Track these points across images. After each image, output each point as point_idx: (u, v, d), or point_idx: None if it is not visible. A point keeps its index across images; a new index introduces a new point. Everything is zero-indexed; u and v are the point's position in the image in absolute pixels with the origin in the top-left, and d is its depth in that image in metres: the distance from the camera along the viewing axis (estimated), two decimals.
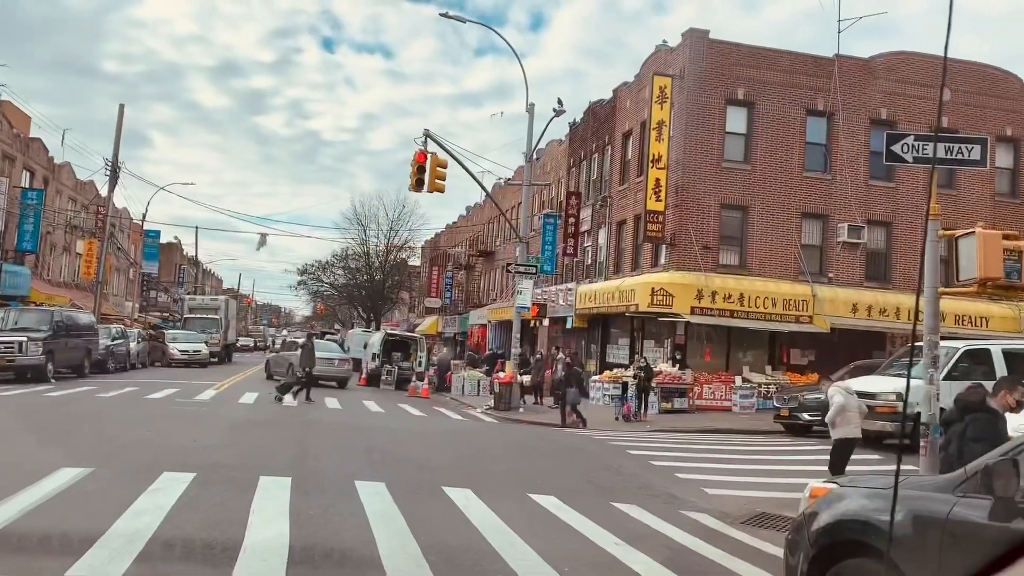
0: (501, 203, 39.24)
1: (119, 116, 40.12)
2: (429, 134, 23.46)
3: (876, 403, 16.23)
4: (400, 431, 16.39)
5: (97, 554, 5.73)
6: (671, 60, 26.83)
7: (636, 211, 27.64)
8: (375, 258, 69.83)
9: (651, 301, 24.38)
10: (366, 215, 68.36)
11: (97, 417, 15.41)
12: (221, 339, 45.60)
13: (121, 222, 55.09)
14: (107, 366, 29.95)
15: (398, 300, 78.94)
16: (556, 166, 39.39)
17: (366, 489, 8.86)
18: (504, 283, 44.69)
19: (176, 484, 8.37)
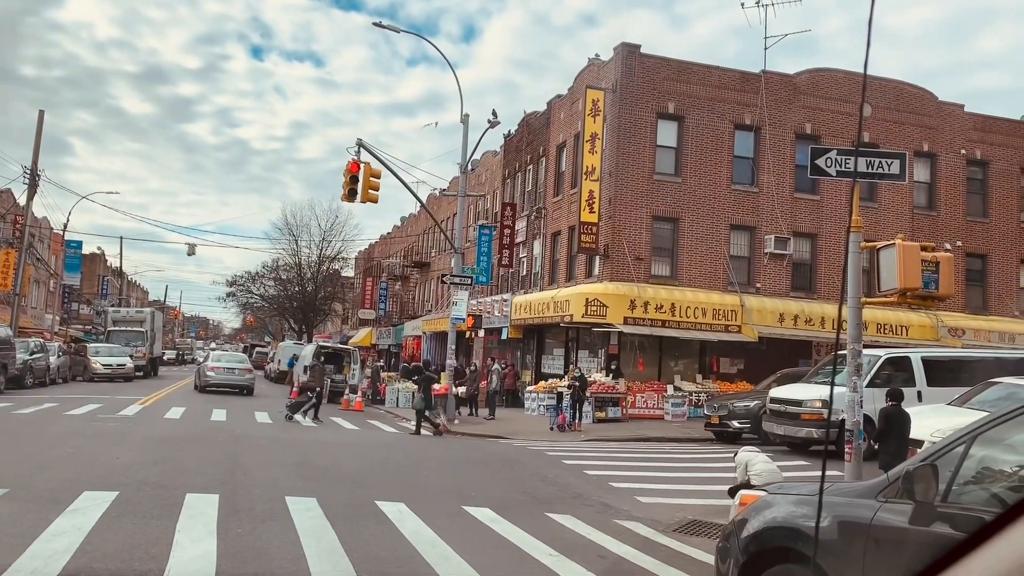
0: (436, 214, 39.12)
1: (39, 122, 38.75)
2: (362, 143, 23.24)
3: (802, 410, 16.85)
4: (333, 445, 16.14)
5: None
6: (604, 73, 27.19)
7: (570, 222, 27.88)
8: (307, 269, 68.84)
9: (585, 311, 24.59)
10: (297, 225, 67.43)
11: (12, 435, 14.78)
12: (146, 352, 44.33)
13: (41, 232, 53.19)
14: (24, 381, 28.78)
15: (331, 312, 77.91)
16: (491, 177, 39.50)
17: (297, 505, 8.69)
18: (439, 294, 44.53)
19: (97, 504, 8.08)
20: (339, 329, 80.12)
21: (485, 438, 19.90)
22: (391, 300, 58.67)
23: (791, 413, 17.10)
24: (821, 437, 16.25)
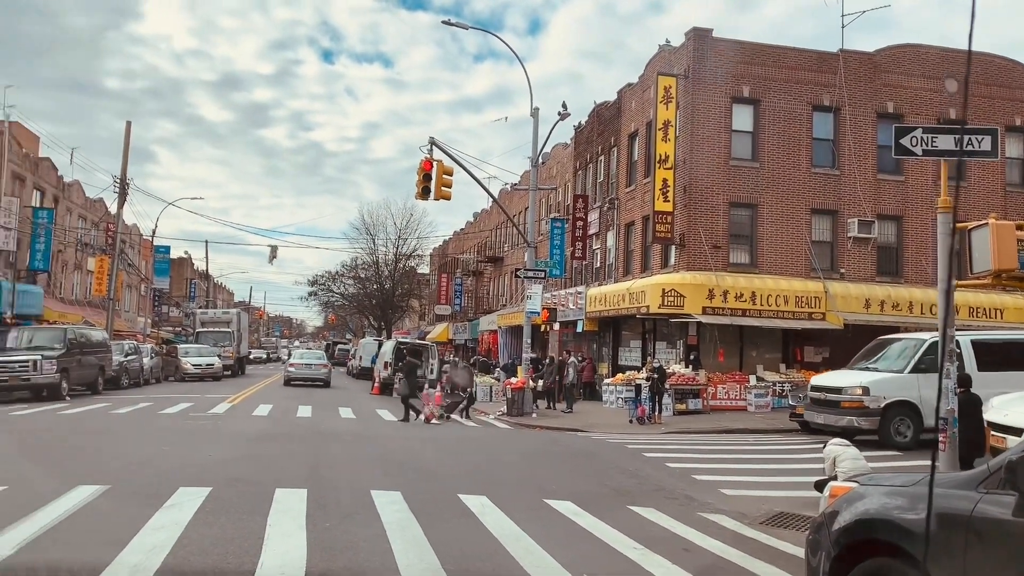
0: (508, 208, 39.24)
1: (126, 133, 40.35)
2: (434, 142, 23.48)
3: (842, 398, 16.30)
4: (414, 439, 16.38)
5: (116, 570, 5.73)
6: (675, 60, 26.79)
7: (644, 212, 27.59)
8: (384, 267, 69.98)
9: (662, 302, 24.32)
10: (374, 224, 68.58)
11: (112, 434, 15.46)
12: (234, 352, 45.75)
13: (131, 238, 55.40)
14: (121, 382, 30.08)
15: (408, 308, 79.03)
16: (562, 169, 39.39)
17: (382, 499, 8.84)
18: (513, 288, 44.67)
19: (192, 499, 8.38)
20: (416, 325, 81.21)
21: (563, 431, 19.89)
22: (466, 295, 59.16)
23: (831, 401, 16.51)
24: (863, 426, 15.62)
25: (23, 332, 26.16)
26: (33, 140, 43.64)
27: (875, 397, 15.68)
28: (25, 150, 41.34)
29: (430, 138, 23.40)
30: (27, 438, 14.38)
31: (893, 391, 15.66)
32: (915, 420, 15.56)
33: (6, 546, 6.31)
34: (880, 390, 15.74)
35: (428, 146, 23.27)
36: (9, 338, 25.33)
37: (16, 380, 22.76)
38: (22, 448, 12.94)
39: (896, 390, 15.64)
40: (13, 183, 39.06)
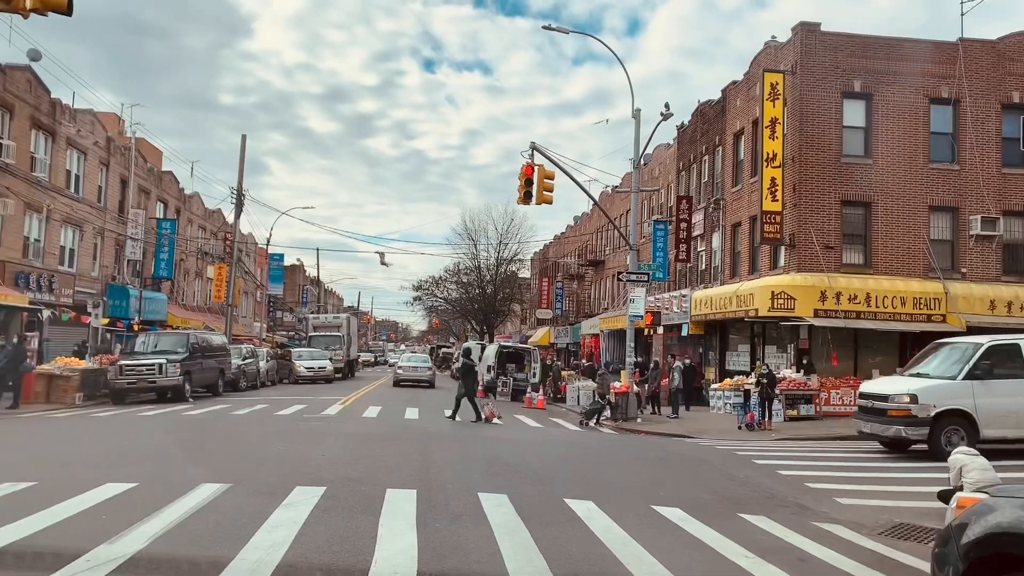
0: (609, 211, 39.02)
1: (241, 146, 42.20)
2: (535, 146, 23.62)
3: (888, 405, 15.23)
4: (518, 442, 16.47)
5: (238, 565, 5.99)
6: (781, 55, 26.07)
7: (751, 212, 26.95)
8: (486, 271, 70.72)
9: (771, 305, 23.68)
10: (476, 229, 69.47)
11: (232, 434, 16.16)
12: (344, 355, 47.13)
13: (247, 247, 57.85)
14: (239, 384, 31.43)
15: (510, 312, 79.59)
16: (665, 171, 38.89)
17: (489, 502, 8.93)
18: (616, 292, 44.38)
19: (308, 498, 8.67)
20: (518, 329, 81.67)
21: (670, 437, 19.63)
22: (567, 299, 59.12)
23: (878, 409, 15.47)
24: (911, 436, 14.72)
25: (149, 337, 27.72)
26: (157, 155, 46.20)
27: (924, 405, 14.70)
28: (150, 164, 43.79)
29: (531, 143, 23.56)
30: (154, 438, 15.20)
31: (944, 399, 14.67)
32: (968, 430, 14.53)
33: (139, 539, 6.69)
34: (929, 398, 14.74)
35: (529, 151, 23.43)
36: (137, 343, 26.87)
37: (144, 382, 24.12)
38: (151, 447, 13.68)
39: (948, 398, 14.66)
40: (139, 196, 41.41)
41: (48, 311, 30.86)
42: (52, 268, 32.43)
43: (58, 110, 32.92)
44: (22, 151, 30.12)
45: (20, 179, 29.53)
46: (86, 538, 6.62)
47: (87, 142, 35.36)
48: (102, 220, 37.16)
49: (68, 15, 10.05)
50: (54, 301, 31.83)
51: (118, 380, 24.05)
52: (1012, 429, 14.63)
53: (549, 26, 25.52)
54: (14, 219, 29.70)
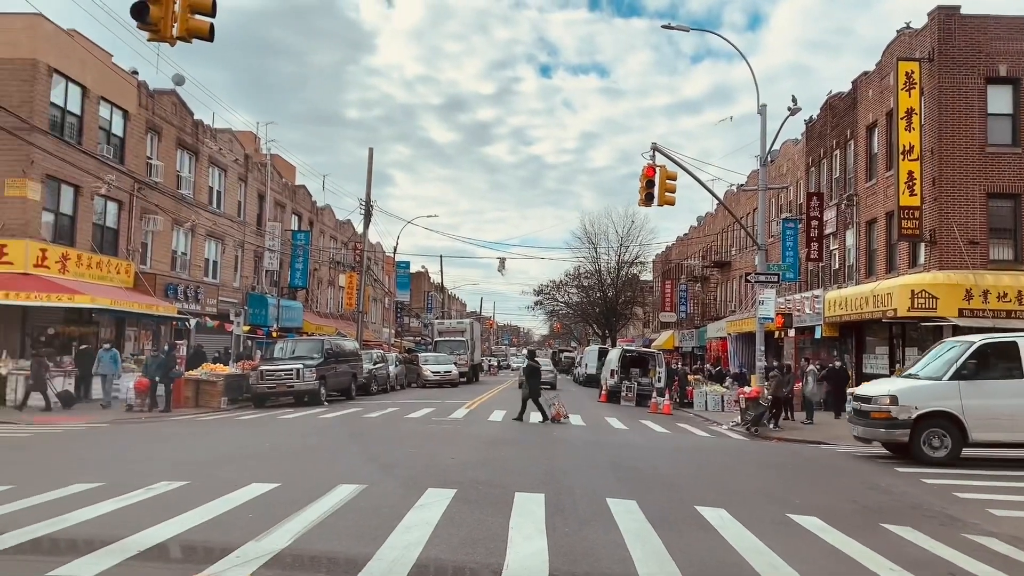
0: (735, 210, 38.07)
1: (369, 159, 43.65)
2: (656, 147, 23.31)
3: (871, 408, 14.67)
4: (645, 448, 16.28)
5: (376, 564, 6.19)
6: (917, 42, 24.75)
7: (888, 208, 25.70)
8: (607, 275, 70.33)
9: (911, 305, 22.48)
10: (595, 233, 69.31)
11: (365, 436, 16.71)
12: (468, 360, 47.92)
13: (375, 255, 59.75)
14: (370, 388, 32.47)
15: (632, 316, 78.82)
16: (793, 167, 37.61)
17: (618, 507, 8.87)
18: (743, 293, 43.23)
19: (439, 500, 8.86)
20: (641, 333, 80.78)
21: (804, 443, 18.94)
22: (691, 302, 58.03)
23: (863, 411, 14.89)
24: (894, 438, 14.26)
25: (287, 343, 29.04)
26: (290, 170, 48.41)
27: (904, 407, 14.22)
28: (284, 179, 45.93)
29: (652, 144, 23.28)
30: (293, 440, 15.90)
31: (927, 400, 14.12)
32: (954, 432, 13.96)
33: (283, 537, 7.02)
34: (911, 399, 14.25)
35: (650, 152, 23.16)
36: (275, 349, 28.22)
37: (282, 387, 25.28)
38: (290, 448, 14.33)
39: (931, 399, 14.11)
40: (275, 209, 43.49)
41: (195, 320, 32.85)
42: (198, 279, 34.50)
43: (200, 130, 35.02)
44: (169, 170, 32.22)
45: (168, 196, 31.58)
46: (235, 535, 7.00)
47: (227, 160, 37.44)
48: (242, 233, 39.24)
49: (210, 40, 10.67)
50: (200, 310, 33.84)
51: (259, 385, 25.31)
52: (1005, 433, 14.00)
53: (668, 25, 25.13)
54: (163, 234, 31.79)
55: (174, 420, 20.79)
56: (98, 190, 27.24)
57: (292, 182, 47.80)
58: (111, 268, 27.95)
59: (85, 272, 26.30)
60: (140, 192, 29.73)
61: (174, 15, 10.30)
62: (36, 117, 24.11)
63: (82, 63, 26.53)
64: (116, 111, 28.73)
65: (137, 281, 29.10)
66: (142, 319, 29.82)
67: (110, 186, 27.44)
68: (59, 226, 26.18)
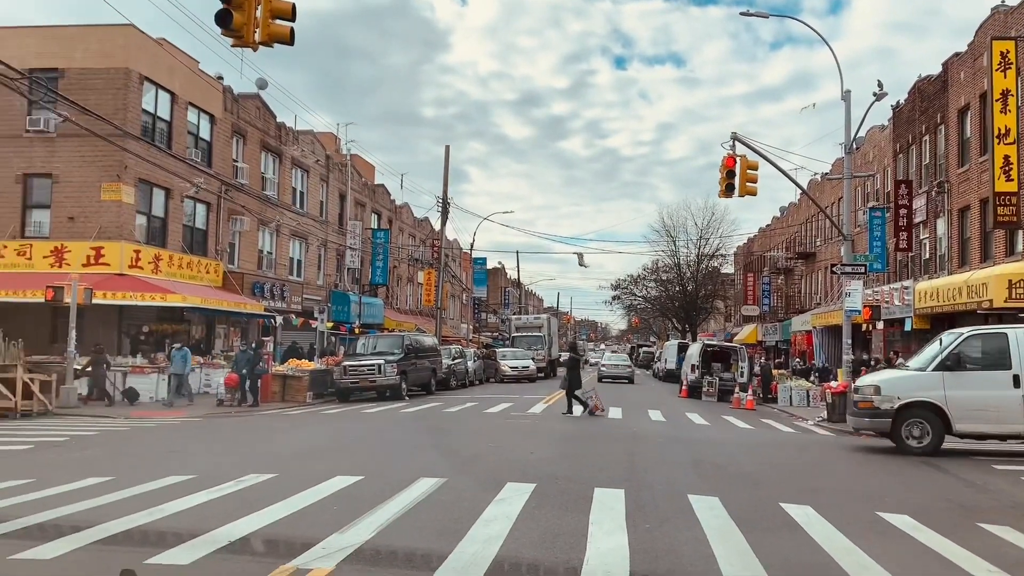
0: (819, 200, 37.03)
1: (446, 157, 44.07)
2: (736, 136, 22.83)
3: (858, 398, 15.02)
4: (727, 444, 16.00)
5: (458, 556, 6.25)
6: (1012, 20, 23.59)
7: (982, 194, 24.59)
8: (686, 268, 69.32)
9: (1008, 295, 21.48)
10: (674, 226, 68.34)
11: (445, 431, 16.90)
12: (546, 355, 47.96)
13: (453, 252, 60.36)
14: (449, 383, 32.81)
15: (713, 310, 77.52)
16: (880, 154, 36.35)
17: (700, 503, 8.74)
18: (828, 285, 42.07)
19: (519, 494, 8.89)
20: (722, 327, 79.39)
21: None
22: (775, 294, 56.72)
23: (854, 401, 15.31)
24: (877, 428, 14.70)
25: (368, 339, 29.63)
26: (369, 169, 49.26)
27: (887, 397, 14.47)
28: (364, 179, 46.77)
29: (732, 133, 22.80)
30: (376, 434, 16.21)
31: (910, 391, 14.34)
32: (935, 423, 14.11)
33: (367, 529, 7.16)
34: (893, 390, 14.53)
35: (730, 141, 22.70)
36: (358, 345, 28.80)
37: (365, 381, 25.79)
38: (373, 442, 14.60)
39: (914, 390, 14.32)
40: (356, 208, 44.34)
41: (280, 317, 33.79)
42: (283, 278, 35.45)
43: (283, 133, 35.95)
44: (254, 172, 33.18)
45: (253, 198, 32.54)
46: (320, 527, 7.17)
47: (309, 161, 38.35)
48: (324, 232, 40.14)
49: (290, 44, 10.93)
50: (285, 308, 34.78)
51: (342, 380, 25.88)
52: (990, 424, 13.97)
53: (747, 12, 24.56)
54: (249, 234, 32.77)
55: (262, 414, 21.42)
56: (187, 192, 28.27)
57: (371, 181, 48.64)
58: (201, 268, 28.96)
59: (176, 272, 27.32)
60: (227, 194, 30.72)
61: (256, 21, 10.58)
62: (129, 124, 25.14)
63: (171, 70, 27.54)
64: (203, 116, 29.74)
65: (226, 280, 30.09)
66: (231, 317, 30.81)
67: (199, 188, 28.43)
68: (151, 228, 27.27)
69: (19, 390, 19.20)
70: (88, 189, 25.43)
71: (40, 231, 26.01)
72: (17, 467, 11.01)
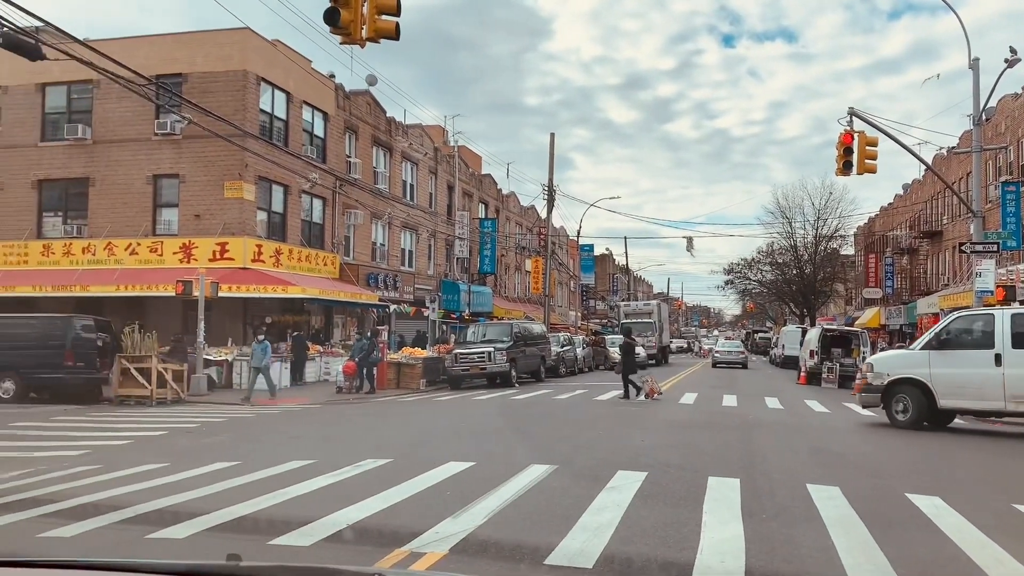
0: (945, 175, 35.09)
1: (551, 145, 44.03)
2: (854, 111, 21.88)
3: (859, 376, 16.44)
4: (848, 431, 15.39)
5: (569, 544, 6.25)
6: None
7: None
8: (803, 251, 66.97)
9: None
10: (789, 207, 66.04)
11: (555, 417, 16.95)
12: (656, 342, 47.40)
13: (559, 239, 60.33)
14: (559, 370, 32.87)
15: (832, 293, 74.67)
16: (1013, 124, 34.07)
17: (820, 493, 8.44)
18: (957, 265, 39.85)
19: (630, 483, 8.82)
20: (843, 311, 76.44)
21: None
22: (898, 276, 54.15)
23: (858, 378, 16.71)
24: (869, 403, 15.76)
25: (478, 327, 30.06)
26: (476, 160, 49.78)
27: (878, 374, 15.57)
28: (471, 169, 47.31)
29: (849, 109, 21.86)
30: (487, 420, 16.41)
31: (898, 368, 15.37)
32: (919, 398, 14.94)
33: (479, 515, 7.25)
34: (884, 367, 15.68)
35: (847, 117, 21.78)
36: (468, 333, 29.25)
37: (475, 369, 26.18)
38: (484, 429, 14.79)
39: (901, 367, 15.35)
40: (463, 199, 44.92)
41: (393, 307, 34.66)
42: (395, 268, 36.33)
43: (393, 127, 36.75)
44: (366, 167, 34.08)
45: (366, 192, 33.42)
46: (433, 512, 7.32)
47: (418, 154, 39.08)
48: (433, 223, 40.87)
49: (396, 39, 11.13)
50: (398, 297, 35.65)
51: (453, 367, 26.35)
52: (971, 400, 14.61)
53: None
54: (363, 227, 33.71)
55: (378, 401, 22.05)
56: (304, 188, 29.30)
57: (478, 171, 49.15)
58: (318, 260, 30.01)
59: (296, 265, 28.40)
60: (341, 188, 31.66)
61: (363, 18, 10.82)
62: (248, 124, 26.23)
63: (285, 71, 28.56)
64: (317, 113, 30.72)
65: (342, 272, 31.08)
66: (347, 307, 31.81)
67: (314, 184, 29.43)
68: (271, 223, 28.43)
69: (154, 379, 20.41)
70: (212, 187, 26.72)
71: (169, 229, 27.52)
72: (154, 452, 11.73)
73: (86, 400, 20.62)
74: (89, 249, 27.24)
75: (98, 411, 18.83)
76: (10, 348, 20.21)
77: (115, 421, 16.55)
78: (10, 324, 21.20)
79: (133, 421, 16.44)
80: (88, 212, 28.05)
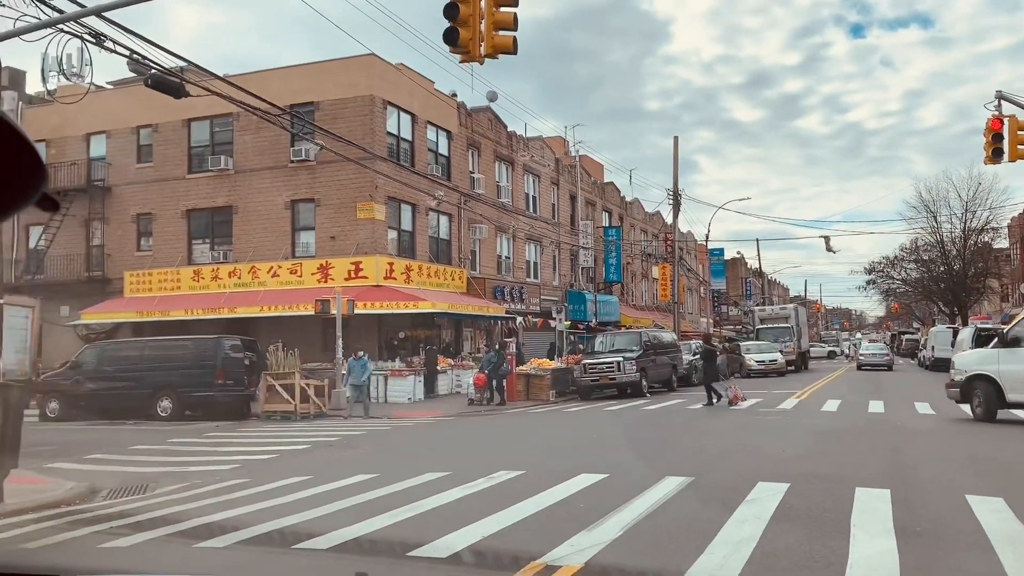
0: None
1: (674, 148, 43.33)
2: (1002, 95, 20.41)
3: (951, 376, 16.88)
4: (1010, 438, 14.27)
5: (707, 560, 6.05)
6: None
7: None
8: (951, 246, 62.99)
9: None
10: (933, 200, 62.19)
11: (689, 428, 16.58)
12: (795, 347, 45.61)
13: (687, 245, 59.25)
14: (691, 379, 32.12)
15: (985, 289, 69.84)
16: None
17: (980, 505, 7.84)
18: None
19: (771, 494, 8.47)
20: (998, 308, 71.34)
21: None
22: None
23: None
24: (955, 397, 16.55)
25: (606, 337, 29.79)
26: (597, 168, 49.63)
27: (959, 371, 16.58)
28: (593, 178, 47.20)
29: (997, 92, 20.42)
30: (618, 431, 16.23)
31: (973, 365, 16.34)
32: (990, 393, 15.67)
33: (613, 528, 7.13)
34: (964, 364, 16.71)
35: (995, 102, 20.34)
36: (596, 343, 29.04)
37: (605, 379, 25.95)
38: (616, 440, 14.63)
39: (975, 364, 16.30)
40: (586, 208, 44.84)
41: (520, 319, 34.92)
42: (521, 280, 36.63)
43: (514, 141, 37.16)
44: (489, 181, 34.58)
45: (489, 206, 33.91)
46: (567, 525, 7.26)
47: (539, 166, 39.35)
48: (557, 234, 40.98)
49: (514, 54, 11.23)
50: (524, 309, 35.92)
51: (583, 378, 26.23)
52: None
53: None
54: (488, 241, 34.19)
55: (509, 413, 22.22)
56: (431, 206, 30.03)
57: (600, 180, 48.96)
58: (446, 275, 30.64)
59: (425, 281, 29.10)
60: (466, 204, 32.25)
61: (481, 35, 10.98)
62: (376, 146, 27.13)
63: (409, 93, 29.39)
64: (440, 132, 31.45)
65: (469, 285, 31.61)
66: (476, 320, 32.30)
67: (440, 201, 30.10)
68: (401, 241, 29.28)
69: (297, 394, 21.33)
70: (345, 209, 27.77)
71: (307, 251, 28.80)
72: (299, 465, 12.23)
73: (236, 416, 21.77)
74: (235, 273, 28.84)
75: (247, 426, 19.85)
76: (168, 369, 21.65)
77: (262, 436, 17.40)
78: (167, 346, 22.72)
79: (278, 435, 17.22)
80: (232, 238, 29.74)
